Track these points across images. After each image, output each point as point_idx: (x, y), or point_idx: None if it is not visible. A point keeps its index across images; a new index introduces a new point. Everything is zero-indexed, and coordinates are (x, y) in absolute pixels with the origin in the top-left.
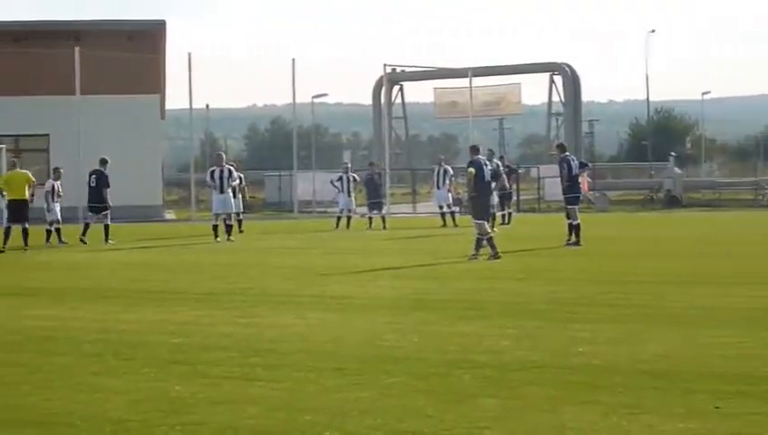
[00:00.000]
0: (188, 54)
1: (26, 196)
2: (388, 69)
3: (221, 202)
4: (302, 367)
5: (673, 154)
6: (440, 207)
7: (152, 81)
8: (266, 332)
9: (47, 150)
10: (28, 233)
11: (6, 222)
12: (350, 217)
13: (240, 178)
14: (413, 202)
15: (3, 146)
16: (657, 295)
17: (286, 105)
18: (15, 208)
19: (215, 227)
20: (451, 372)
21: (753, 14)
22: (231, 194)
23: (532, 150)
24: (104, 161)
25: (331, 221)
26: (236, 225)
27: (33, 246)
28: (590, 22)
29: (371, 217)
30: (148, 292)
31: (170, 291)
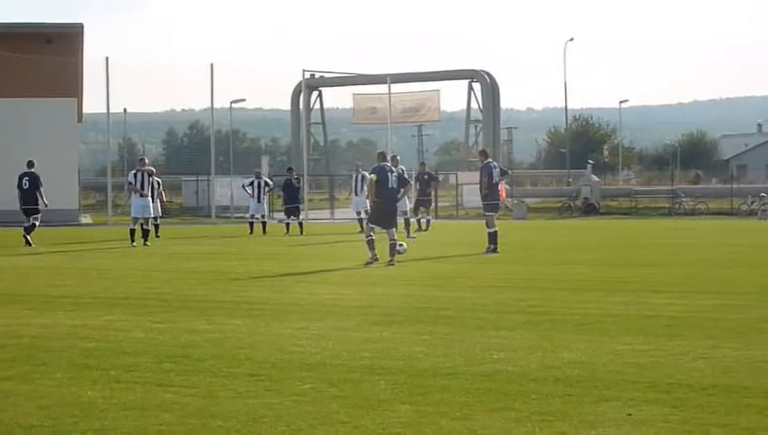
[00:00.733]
0: (106, 58)
1: None
2: (306, 74)
3: (141, 206)
4: (216, 373)
5: (590, 162)
6: (358, 213)
7: (69, 84)
8: (181, 337)
9: None
10: None
11: None
12: (264, 223)
13: (158, 182)
14: (331, 208)
15: None
16: (572, 303)
17: (204, 110)
18: None
19: (132, 232)
20: (365, 377)
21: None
22: (151, 198)
23: (450, 157)
24: (31, 164)
25: (248, 227)
26: (153, 229)
27: None
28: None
29: (288, 223)
30: (62, 296)
31: (84, 295)
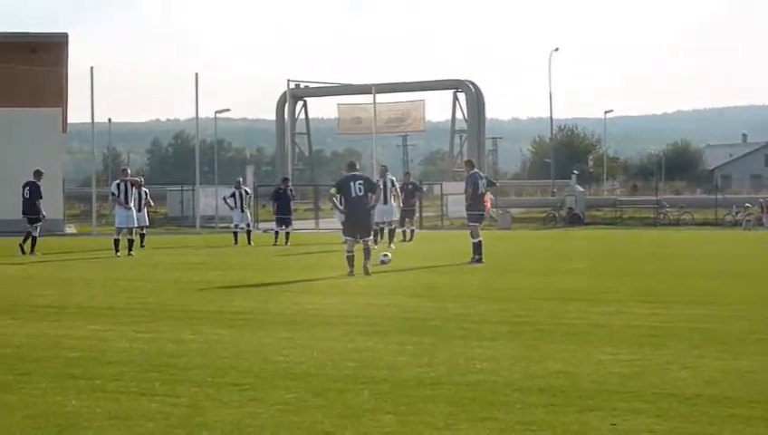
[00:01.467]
0: (91, 68)
1: None
2: (291, 84)
3: (125, 217)
4: (201, 382)
5: (575, 172)
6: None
7: (54, 94)
8: (165, 347)
9: None
10: None
11: None
12: (249, 232)
13: (146, 192)
14: (315, 218)
15: None
16: (556, 313)
17: (189, 120)
18: None
19: (116, 242)
20: (349, 387)
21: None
22: (136, 209)
23: (435, 167)
24: (39, 173)
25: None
26: (138, 239)
27: None
28: (494, 39)
29: (277, 232)
30: (47, 306)
31: (69, 305)
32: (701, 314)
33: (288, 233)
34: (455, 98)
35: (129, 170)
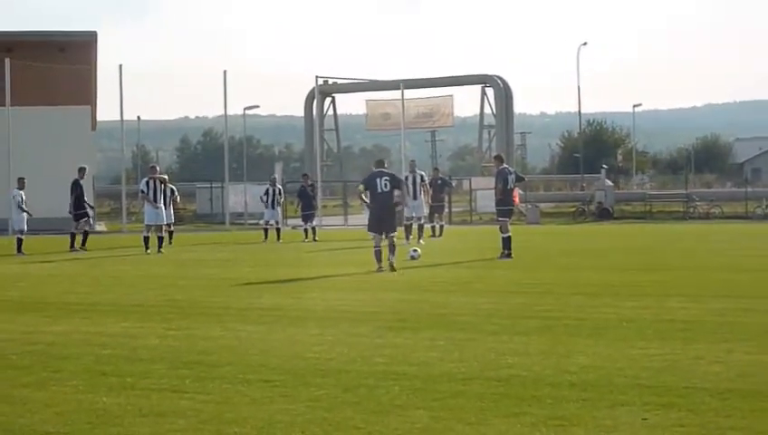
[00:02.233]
0: (120, 66)
1: None
2: (320, 81)
3: (154, 214)
4: (231, 379)
5: (604, 166)
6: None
7: (83, 92)
8: (195, 344)
9: None
10: None
11: None
12: (279, 229)
13: (173, 189)
14: (344, 214)
15: None
16: (586, 307)
17: (218, 117)
18: None
19: (146, 239)
20: (380, 383)
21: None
22: (164, 206)
23: (464, 162)
24: (82, 170)
25: (262, 233)
26: (167, 236)
27: None
28: (522, 34)
29: (306, 229)
30: (78, 304)
31: (100, 303)
32: (731, 307)
33: (314, 228)
34: (483, 93)
35: (159, 168)
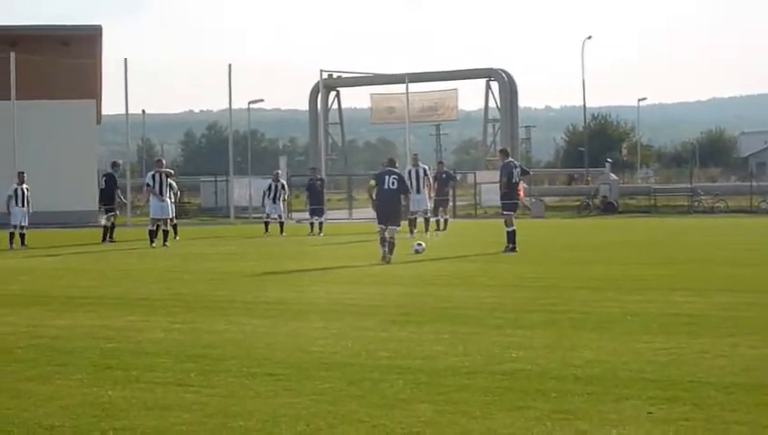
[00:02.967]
0: (124, 60)
1: None
2: (324, 74)
3: (159, 207)
4: (236, 373)
5: (609, 160)
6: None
7: (88, 86)
8: (200, 337)
9: None
10: None
11: None
12: (282, 223)
13: (171, 185)
14: (349, 208)
15: None
16: (590, 301)
17: (222, 111)
18: None
19: (151, 233)
20: (384, 377)
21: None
22: (170, 200)
23: (468, 156)
24: (116, 164)
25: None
26: (172, 230)
27: None
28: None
29: (312, 223)
30: (82, 297)
31: (104, 296)
32: (736, 301)
33: (321, 223)
34: (487, 87)
35: (165, 162)
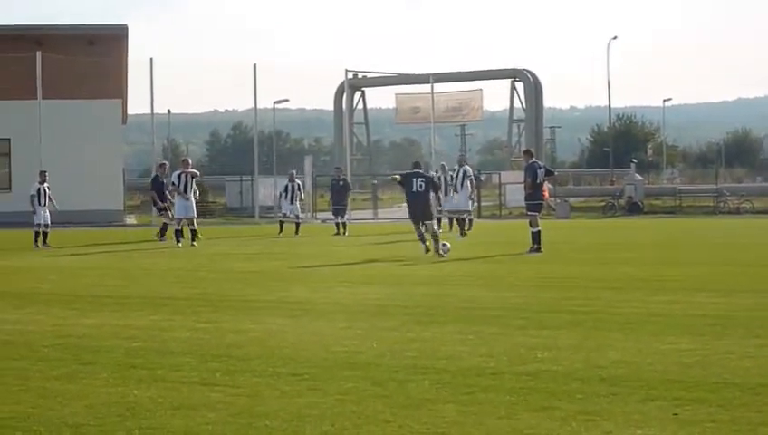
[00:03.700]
0: (150, 59)
1: None
2: (349, 74)
3: (184, 207)
4: (261, 372)
5: (634, 161)
6: (439, 211)
7: (113, 85)
8: (225, 337)
9: (8, 155)
10: None
11: None
12: (298, 224)
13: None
14: (374, 208)
15: None
16: (615, 302)
17: (248, 110)
18: None
19: (176, 232)
20: (409, 377)
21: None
22: (194, 199)
23: (493, 157)
24: (162, 166)
25: (291, 227)
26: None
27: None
28: (551, 28)
29: (338, 223)
30: (108, 296)
31: (130, 296)
32: (762, 302)
33: (345, 223)
34: (512, 87)
35: (190, 161)
